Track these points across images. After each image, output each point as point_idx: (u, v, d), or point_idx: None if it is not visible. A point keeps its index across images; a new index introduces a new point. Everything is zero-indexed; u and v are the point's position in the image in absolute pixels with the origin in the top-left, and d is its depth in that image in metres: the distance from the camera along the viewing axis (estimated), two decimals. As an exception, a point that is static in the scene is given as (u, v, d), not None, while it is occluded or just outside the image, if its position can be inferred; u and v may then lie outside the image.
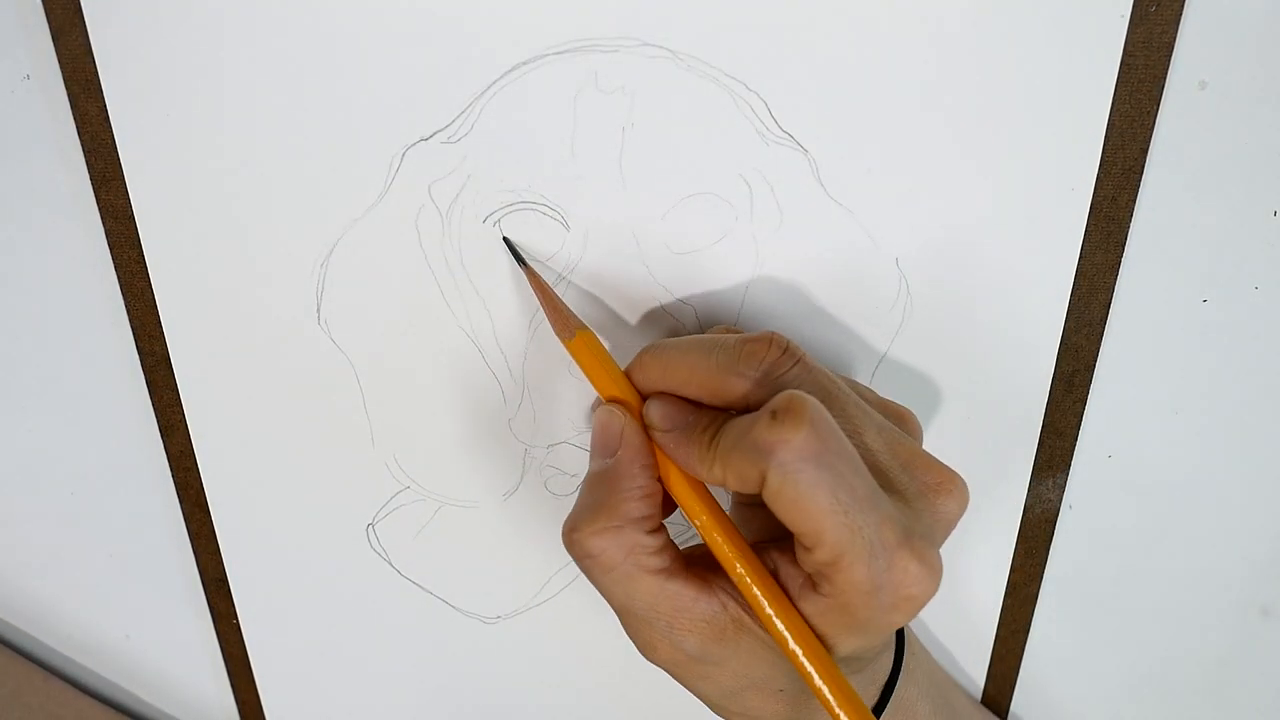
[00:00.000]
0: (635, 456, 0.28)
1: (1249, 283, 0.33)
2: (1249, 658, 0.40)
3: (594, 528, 0.28)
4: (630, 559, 0.28)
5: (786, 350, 0.27)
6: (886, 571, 0.25)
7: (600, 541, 0.28)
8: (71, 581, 0.42)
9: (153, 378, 0.36)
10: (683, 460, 0.28)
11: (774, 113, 0.30)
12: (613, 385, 0.30)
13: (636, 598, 0.28)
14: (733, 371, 0.27)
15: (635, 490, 0.28)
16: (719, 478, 0.27)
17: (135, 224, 0.33)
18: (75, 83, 0.31)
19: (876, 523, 0.25)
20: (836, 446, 0.25)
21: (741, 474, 0.26)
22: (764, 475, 0.25)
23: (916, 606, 0.26)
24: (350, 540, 0.39)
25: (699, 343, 0.28)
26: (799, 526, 0.25)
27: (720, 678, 0.29)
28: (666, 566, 0.28)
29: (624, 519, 0.28)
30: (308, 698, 0.43)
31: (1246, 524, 0.38)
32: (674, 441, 0.28)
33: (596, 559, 0.28)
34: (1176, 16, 0.29)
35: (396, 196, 0.32)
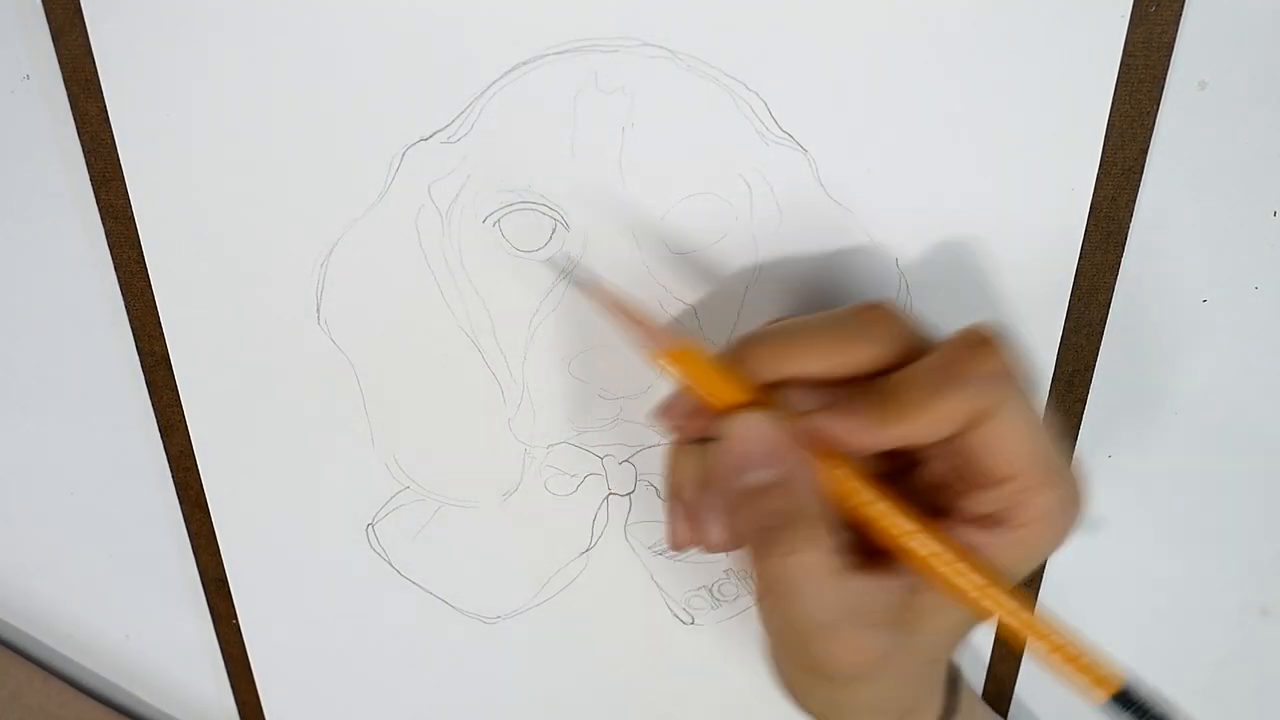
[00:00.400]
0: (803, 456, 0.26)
1: (1249, 283, 0.33)
2: (1249, 658, 0.40)
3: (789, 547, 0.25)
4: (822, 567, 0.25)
5: (900, 315, 0.27)
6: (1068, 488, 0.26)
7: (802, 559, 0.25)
8: (71, 581, 0.42)
9: (153, 378, 0.36)
10: (851, 433, 0.25)
11: (774, 113, 0.30)
12: (728, 391, 0.27)
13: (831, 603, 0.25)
14: (864, 339, 0.26)
15: (815, 491, 0.26)
16: (900, 435, 0.25)
17: (135, 224, 0.33)
18: (75, 83, 0.31)
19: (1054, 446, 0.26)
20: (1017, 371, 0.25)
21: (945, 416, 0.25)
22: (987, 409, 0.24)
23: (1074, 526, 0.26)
24: (350, 540, 0.39)
25: (815, 321, 0.27)
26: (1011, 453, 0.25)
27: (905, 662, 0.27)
28: (845, 565, 0.26)
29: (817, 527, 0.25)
30: (308, 698, 0.43)
31: (1246, 524, 0.38)
32: (834, 417, 0.26)
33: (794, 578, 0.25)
34: (1176, 16, 0.29)
35: (396, 196, 0.32)
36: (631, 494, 0.37)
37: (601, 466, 0.37)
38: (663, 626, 0.40)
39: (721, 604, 0.39)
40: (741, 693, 0.42)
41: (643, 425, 0.36)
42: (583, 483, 0.37)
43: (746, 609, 0.39)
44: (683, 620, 0.40)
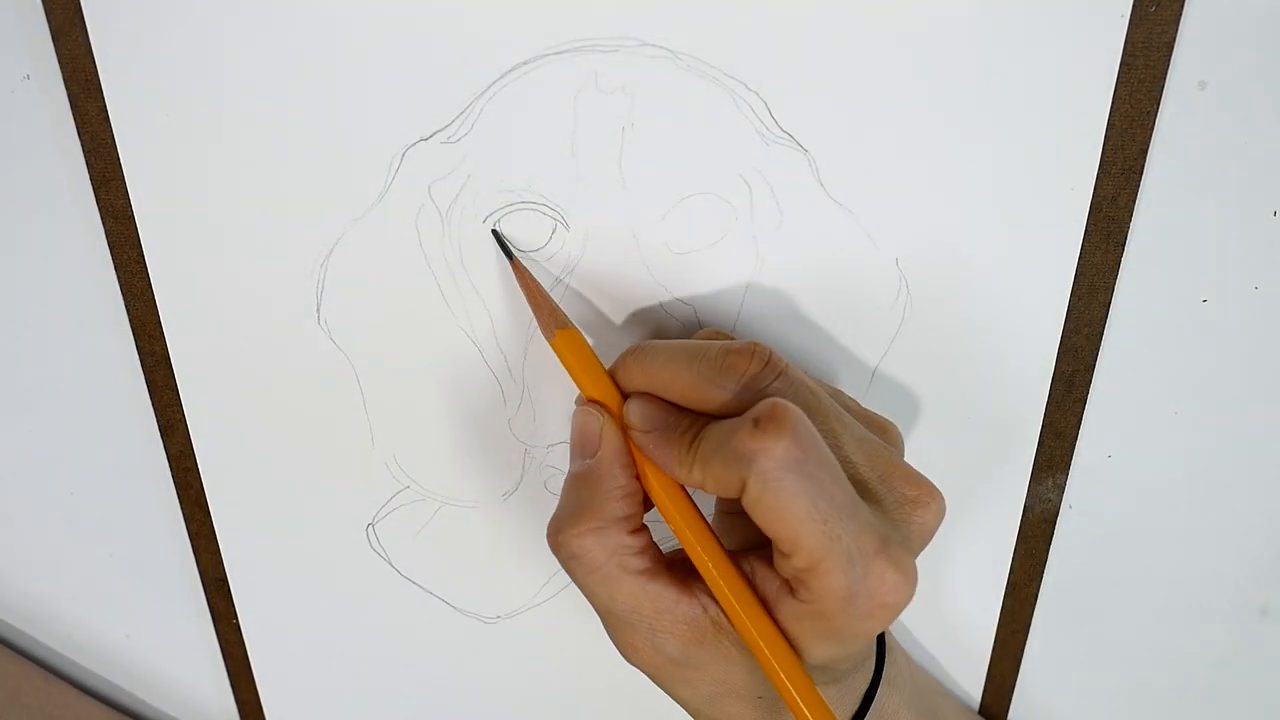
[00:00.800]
0: (615, 457, 0.29)
1: (1249, 283, 0.33)
2: (1249, 658, 0.40)
3: (578, 529, 0.28)
4: (614, 559, 0.28)
5: (769, 363, 0.27)
6: (863, 579, 0.25)
7: (585, 542, 0.28)
8: (71, 581, 0.42)
9: (153, 378, 0.36)
10: (662, 462, 0.28)
11: (774, 113, 0.30)
12: (594, 385, 0.30)
13: (619, 599, 0.28)
14: (714, 383, 0.27)
15: (616, 490, 0.28)
16: (698, 481, 0.27)
17: (135, 224, 0.33)
18: (75, 83, 0.31)
19: (855, 531, 0.25)
20: (817, 455, 0.25)
21: (721, 480, 0.26)
22: (744, 482, 0.25)
23: (892, 614, 0.26)
24: (350, 540, 0.39)
25: (683, 350, 0.28)
26: (777, 533, 0.25)
27: (699, 683, 0.29)
28: (649, 568, 0.28)
29: (607, 519, 0.28)
30: (308, 698, 0.43)
31: (1246, 524, 0.38)
32: (653, 443, 0.28)
33: (580, 560, 0.28)
34: (1176, 16, 0.29)
35: (396, 196, 0.32)
36: (631, 494, 0.37)
37: (601, 466, 0.37)
38: (663, 626, 0.40)
39: (721, 604, 0.39)
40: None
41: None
42: (583, 483, 0.37)
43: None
44: (683, 620, 0.40)
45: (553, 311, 0.31)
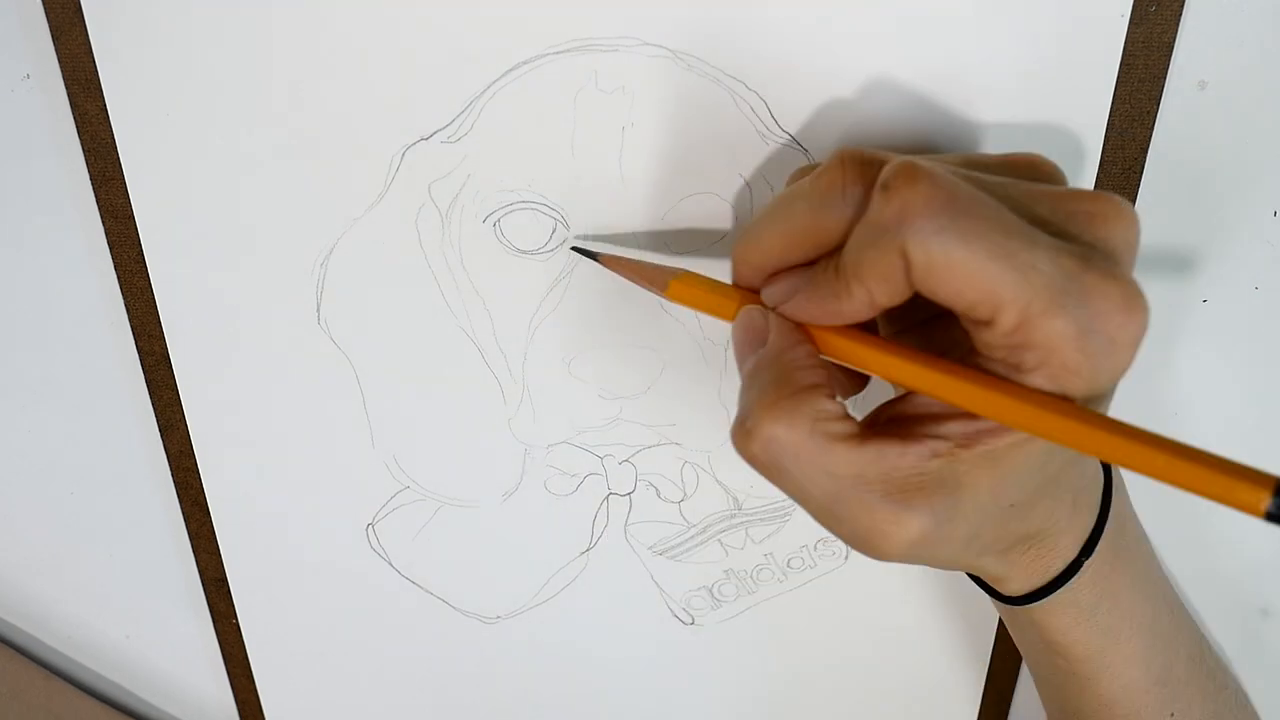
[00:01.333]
0: (787, 332, 0.25)
1: (1249, 283, 0.33)
2: (1249, 658, 0.40)
3: (770, 411, 0.23)
4: (817, 430, 0.23)
5: (864, 160, 0.24)
6: (1085, 305, 0.21)
7: (781, 424, 0.23)
8: (71, 581, 0.42)
9: (153, 378, 0.36)
10: (818, 312, 0.24)
11: (774, 113, 0.30)
12: (734, 301, 0.27)
13: (839, 472, 0.23)
14: (823, 212, 0.24)
15: (800, 358, 0.24)
16: (863, 299, 0.23)
17: (135, 224, 0.33)
18: (75, 83, 0.31)
19: (1050, 255, 0.21)
20: (964, 191, 0.21)
21: (883, 274, 0.22)
22: (905, 255, 0.21)
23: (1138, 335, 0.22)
24: (350, 540, 0.39)
25: (776, 208, 0.25)
26: (966, 296, 0.21)
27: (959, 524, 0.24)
28: (856, 431, 0.24)
29: (797, 388, 0.23)
30: (307, 698, 0.43)
31: (1246, 524, 0.38)
32: (805, 301, 0.25)
33: (782, 444, 0.23)
34: (1176, 16, 0.29)
35: (396, 196, 0.32)
36: (631, 494, 0.37)
37: (601, 466, 0.37)
38: (662, 627, 0.40)
39: (721, 604, 0.39)
40: (741, 693, 0.42)
41: (642, 425, 0.36)
42: (582, 483, 0.37)
43: (746, 610, 0.39)
44: (683, 620, 0.40)
45: (656, 270, 0.29)
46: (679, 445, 0.36)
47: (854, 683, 0.41)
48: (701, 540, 0.38)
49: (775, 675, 0.41)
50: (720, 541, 0.38)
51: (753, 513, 0.37)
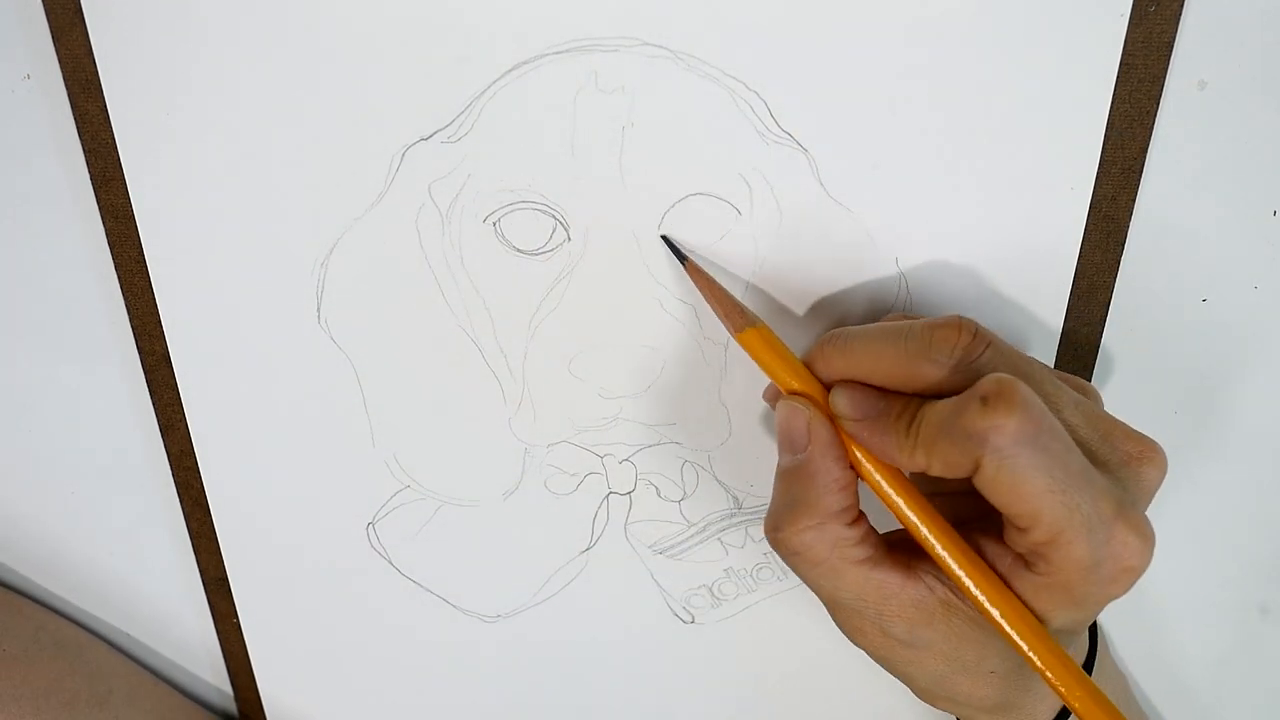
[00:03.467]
0: (826, 450, 0.28)
1: (1249, 283, 0.33)
2: (1249, 658, 0.40)
3: (797, 527, 0.28)
4: (835, 553, 0.28)
5: (977, 334, 0.27)
6: (1106, 545, 0.25)
7: (805, 539, 0.28)
8: (71, 581, 0.42)
9: (153, 378, 0.36)
10: (878, 448, 0.27)
11: (774, 112, 0.30)
12: (793, 378, 0.29)
13: (843, 589, 0.28)
14: (925, 359, 0.27)
15: (831, 484, 0.28)
16: (921, 464, 0.26)
17: (135, 224, 0.33)
18: (75, 83, 0.31)
19: (1092, 498, 0.25)
20: (1048, 426, 0.25)
21: (950, 461, 0.25)
22: (978, 462, 0.25)
23: (1135, 577, 0.26)
24: (350, 539, 0.39)
25: (885, 330, 0.28)
26: (1015, 509, 0.25)
27: (929, 662, 0.29)
28: (870, 555, 0.28)
29: (824, 515, 0.28)
30: (308, 697, 0.43)
31: (1246, 524, 0.38)
32: (867, 430, 0.28)
33: (803, 555, 0.28)
34: (1176, 16, 0.29)
35: (396, 196, 0.32)
36: (631, 493, 0.37)
37: (601, 466, 0.37)
38: (663, 626, 0.40)
39: (721, 603, 0.39)
40: (741, 692, 0.42)
41: (642, 425, 0.36)
42: (583, 482, 0.37)
43: (746, 608, 0.39)
44: (683, 620, 0.40)
45: (737, 308, 0.30)
46: (679, 444, 0.36)
47: (854, 681, 0.41)
48: (701, 539, 0.38)
49: (775, 674, 0.41)
50: (720, 540, 0.38)
51: (753, 511, 0.37)
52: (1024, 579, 0.27)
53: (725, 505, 0.37)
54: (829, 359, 0.29)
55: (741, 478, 0.36)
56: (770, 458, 0.36)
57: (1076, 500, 0.25)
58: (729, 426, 0.35)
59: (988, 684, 0.29)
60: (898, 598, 0.28)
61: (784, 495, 0.29)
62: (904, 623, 0.28)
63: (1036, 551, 0.26)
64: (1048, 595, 0.26)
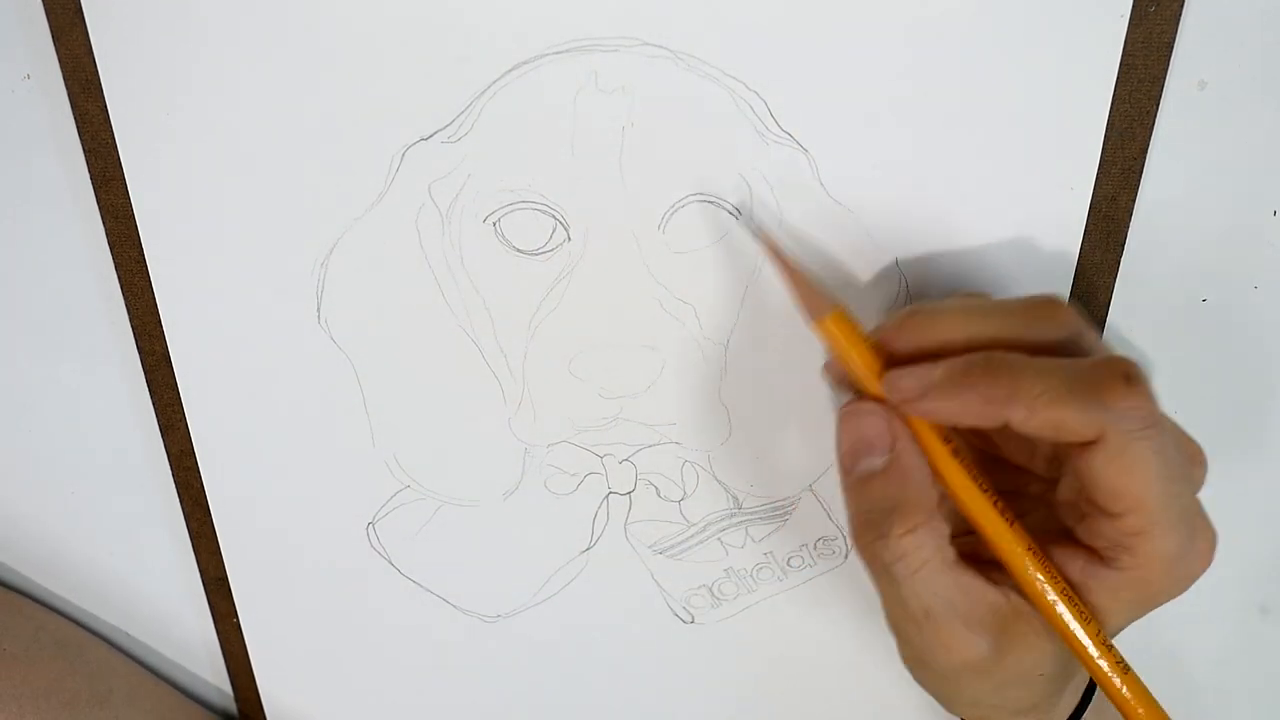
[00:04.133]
0: (914, 447, 0.27)
1: (1249, 283, 0.33)
2: (1249, 657, 0.40)
3: (904, 527, 0.26)
4: (939, 553, 0.27)
5: (1072, 313, 0.27)
6: (1190, 540, 0.25)
7: (913, 540, 0.26)
8: (71, 581, 0.42)
9: (153, 378, 0.36)
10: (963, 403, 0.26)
11: (774, 112, 0.30)
12: (870, 367, 0.28)
13: (940, 594, 0.26)
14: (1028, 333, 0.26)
15: (925, 480, 0.27)
16: (1021, 417, 0.25)
17: (135, 224, 0.33)
18: (75, 83, 0.31)
19: (1190, 493, 0.25)
20: (1168, 424, 0.25)
21: (1064, 424, 0.24)
22: (1102, 434, 0.24)
23: (1197, 577, 0.26)
24: (350, 539, 0.39)
25: (976, 305, 0.27)
26: (1123, 490, 0.24)
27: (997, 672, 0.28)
28: (958, 558, 0.27)
29: (929, 511, 0.27)
30: (308, 697, 0.43)
31: (1246, 524, 0.38)
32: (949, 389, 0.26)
33: (908, 559, 0.26)
34: (1176, 16, 0.29)
35: (396, 196, 0.32)
36: (631, 493, 0.37)
37: (601, 466, 0.37)
38: (663, 626, 0.40)
39: (721, 603, 0.39)
40: (741, 692, 0.42)
41: (642, 424, 0.36)
42: (583, 482, 0.37)
43: (747, 608, 0.39)
44: (683, 620, 0.40)
45: (816, 293, 0.29)
46: (679, 444, 0.36)
47: (854, 681, 0.41)
48: (701, 539, 0.38)
49: (775, 674, 0.41)
50: (720, 540, 0.38)
51: (753, 511, 0.37)
52: (1099, 578, 0.26)
53: (725, 505, 0.37)
54: (910, 331, 0.27)
55: (742, 478, 0.36)
56: (770, 457, 0.36)
57: (1178, 490, 0.25)
58: (729, 426, 0.35)
59: (1034, 689, 0.29)
60: (982, 603, 0.27)
61: (876, 501, 0.27)
62: (987, 632, 0.27)
63: (1123, 543, 0.25)
64: (1123, 593, 0.26)
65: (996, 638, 0.27)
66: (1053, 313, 0.27)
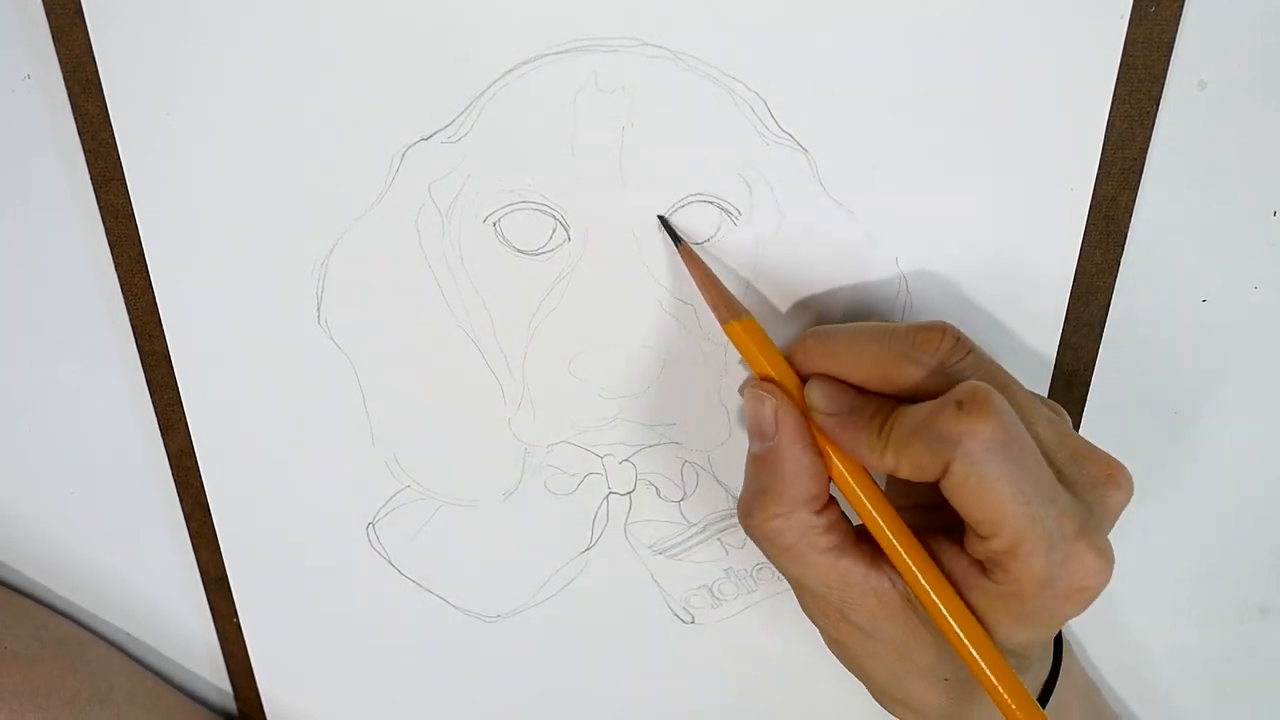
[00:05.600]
0: (795, 437, 0.28)
1: (1249, 283, 0.33)
2: (1249, 658, 0.40)
3: (766, 513, 0.28)
4: (803, 540, 0.28)
5: (959, 340, 0.27)
6: (1063, 562, 0.25)
7: (774, 525, 0.28)
8: (71, 581, 0.42)
9: (153, 378, 0.36)
10: (848, 445, 0.28)
11: (774, 113, 0.30)
12: (771, 370, 0.30)
13: (810, 574, 0.29)
14: (907, 359, 0.27)
15: (800, 471, 0.28)
16: (890, 465, 0.27)
17: (135, 224, 0.33)
18: (75, 83, 0.31)
19: (1057, 514, 0.25)
20: (1019, 437, 0.25)
21: (919, 463, 0.26)
22: (948, 465, 0.25)
23: (1090, 597, 0.26)
24: (350, 540, 0.39)
25: (867, 329, 0.28)
26: (979, 515, 0.25)
27: (884, 655, 0.29)
28: (837, 544, 0.28)
29: (792, 502, 0.28)
30: (308, 697, 0.43)
31: (1246, 524, 0.38)
32: (839, 425, 0.28)
33: (772, 541, 0.29)
34: (1176, 16, 0.29)
35: (396, 196, 0.32)
36: (631, 493, 0.37)
37: (601, 466, 0.37)
38: (663, 626, 0.40)
39: (721, 603, 0.39)
40: (741, 692, 0.42)
41: (642, 425, 0.36)
42: (583, 482, 0.37)
43: (746, 608, 0.39)
44: (683, 620, 0.40)
45: (727, 300, 0.31)
46: (679, 445, 0.36)
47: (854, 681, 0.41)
48: (701, 539, 0.38)
49: (775, 674, 0.41)
50: (720, 540, 0.38)
51: (753, 512, 0.37)
52: (979, 586, 0.27)
53: (725, 505, 0.37)
54: (809, 352, 0.29)
55: (741, 478, 0.36)
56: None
57: (1040, 513, 0.25)
58: (729, 427, 0.35)
59: (940, 691, 0.30)
60: (860, 586, 0.28)
61: (754, 482, 0.29)
62: (865, 612, 0.28)
63: (995, 560, 0.26)
64: (1000, 604, 0.26)
65: (877, 619, 0.28)
66: (930, 338, 0.27)
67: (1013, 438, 0.25)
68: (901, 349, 0.27)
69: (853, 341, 0.28)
